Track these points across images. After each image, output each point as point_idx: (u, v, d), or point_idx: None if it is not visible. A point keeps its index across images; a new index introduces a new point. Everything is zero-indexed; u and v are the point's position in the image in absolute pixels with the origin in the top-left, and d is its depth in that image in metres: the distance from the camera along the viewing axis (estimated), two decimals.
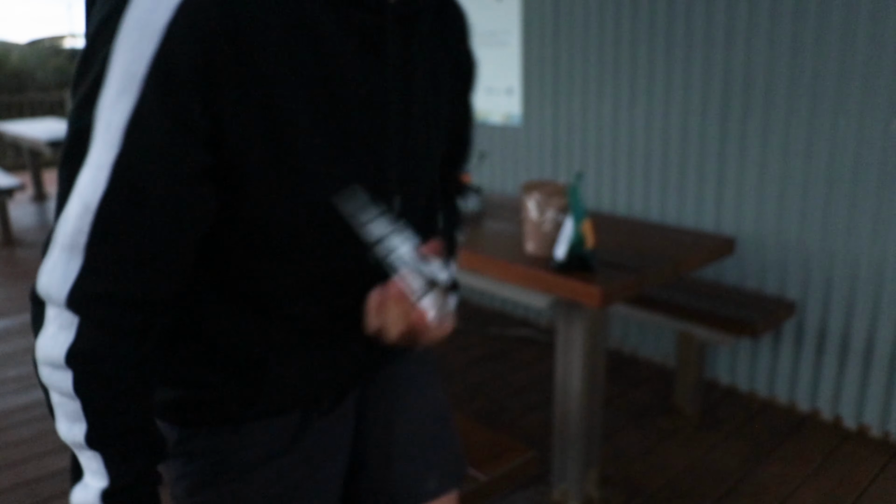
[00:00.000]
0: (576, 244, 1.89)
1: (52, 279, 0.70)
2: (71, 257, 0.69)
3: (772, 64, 2.61)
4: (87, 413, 0.72)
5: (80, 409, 0.72)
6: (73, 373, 0.71)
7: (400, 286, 0.79)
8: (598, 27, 3.14)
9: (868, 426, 2.62)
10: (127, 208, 0.67)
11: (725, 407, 2.85)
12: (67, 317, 0.71)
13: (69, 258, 0.69)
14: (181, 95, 0.64)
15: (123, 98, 0.63)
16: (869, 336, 2.55)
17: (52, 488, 2.39)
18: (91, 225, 0.67)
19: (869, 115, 2.41)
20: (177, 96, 0.64)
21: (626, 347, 3.38)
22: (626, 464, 2.49)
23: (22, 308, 4.15)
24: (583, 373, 2.08)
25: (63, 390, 0.72)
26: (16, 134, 6.53)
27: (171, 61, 0.62)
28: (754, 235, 2.78)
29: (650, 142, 3.05)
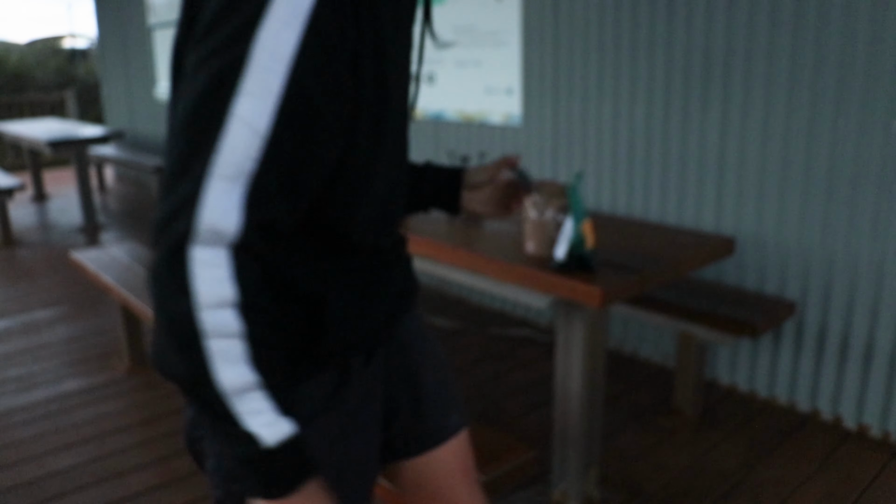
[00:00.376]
0: (576, 244, 1.88)
1: (216, 212, 0.69)
2: (233, 188, 0.69)
3: (771, 65, 2.61)
4: (256, 349, 0.73)
5: (248, 348, 0.73)
6: (240, 309, 0.72)
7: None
8: (598, 27, 3.14)
9: (868, 426, 2.62)
10: (300, 131, 0.71)
11: (725, 407, 2.85)
12: (224, 253, 0.71)
13: (231, 189, 0.69)
14: (343, 22, 0.72)
15: (288, 29, 0.69)
16: (869, 336, 2.55)
17: (51, 489, 2.39)
18: (262, 150, 0.69)
19: (869, 115, 2.41)
20: (339, 23, 0.72)
21: (626, 347, 3.38)
22: (626, 464, 2.49)
23: (22, 308, 4.15)
24: (583, 373, 2.08)
25: (230, 331, 0.71)
26: (16, 134, 6.53)
27: (324, 20, 0.71)
28: (754, 235, 2.77)
29: (650, 142, 3.05)
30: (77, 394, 3.07)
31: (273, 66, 0.69)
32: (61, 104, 10.10)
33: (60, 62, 13.85)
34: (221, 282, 0.71)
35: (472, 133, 3.85)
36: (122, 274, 3.18)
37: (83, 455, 2.59)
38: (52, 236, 5.85)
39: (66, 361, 3.41)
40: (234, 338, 0.72)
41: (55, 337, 3.71)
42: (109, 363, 3.37)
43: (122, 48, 7.74)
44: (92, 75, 12.83)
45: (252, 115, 0.69)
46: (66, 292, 4.42)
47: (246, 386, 0.73)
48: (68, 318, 3.97)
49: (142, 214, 6.60)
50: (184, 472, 2.47)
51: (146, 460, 2.55)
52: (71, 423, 2.82)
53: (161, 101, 7.16)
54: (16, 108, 9.88)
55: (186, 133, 0.70)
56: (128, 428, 2.78)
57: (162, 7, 6.72)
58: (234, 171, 0.69)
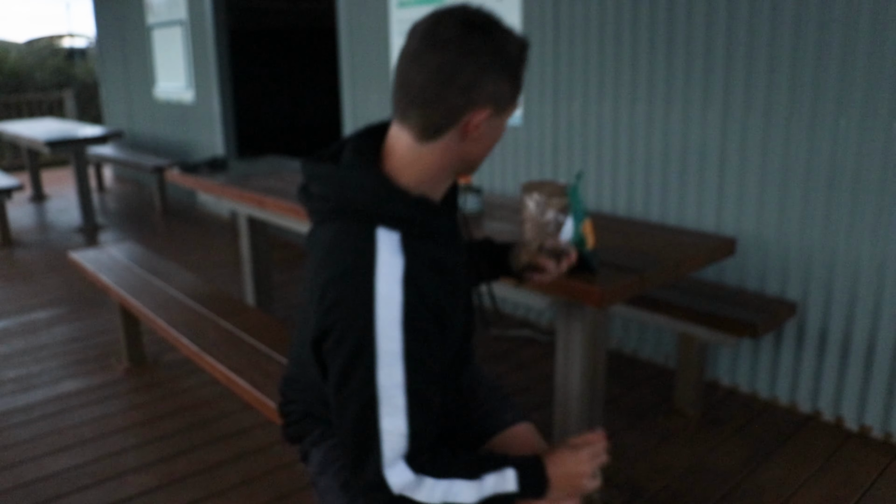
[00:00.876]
0: (577, 245, 1.87)
1: (399, 480, 1.12)
2: (396, 467, 1.12)
3: (773, 64, 2.60)
4: None
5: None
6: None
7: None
8: (598, 26, 3.13)
9: (869, 427, 2.61)
10: (427, 393, 1.12)
11: (726, 408, 2.85)
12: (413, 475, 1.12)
13: (397, 466, 1.12)
14: (430, 333, 1.11)
15: (395, 367, 1.07)
16: (870, 336, 2.54)
17: (50, 490, 2.38)
18: (407, 407, 1.09)
19: (871, 115, 2.40)
20: (428, 336, 1.10)
21: (626, 348, 3.37)
22: (627, 465, 2.48)
23: (20, 309, 4.14)
24: (583, 373, 2.07)
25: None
26: (14, 134, 6.52)
27: (414, 316, 1.07)
28: (755, 236, 2.77)
29: (651, 141, 3.04)
30: (76, 395, 3.06)
31: (394, 392, 1.07)
32: (60, 104, 10.09)
33: (59, 62, 13.82)
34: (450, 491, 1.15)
35: None
36: (120, 274, 3.17)
37: (82, 456, 2.58)
38: (51, 237, 5.84)
39: (65, 362, 3.39)
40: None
41: (54, 338, 3.70)
42: (108, 364, 3.35)
43: (121, 48, 7.73)
44: (90, 75, 12.81)
45: (392, 427, 1.09)
46: (65, 293, 4.41)
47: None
48: (67, 319, 3.95)
49: (141, 215, 6.59)
50: (183, 473, 2.46)
51: (145, 461, 2.54)
52: (69, 425, 2.81)
53: (160, 101, 7.14)
54: (14, 108, 9.87)
55: (353, 438, 1.11)
56: (126, 429, 2.77)
57: (161, 7, 6.70)
58: (392, 456, 1.10)
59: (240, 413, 2.85)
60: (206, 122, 6.41)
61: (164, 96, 7.05)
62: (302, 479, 2.40)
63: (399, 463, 1.10)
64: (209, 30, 6.01)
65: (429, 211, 1.11)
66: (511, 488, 1.16)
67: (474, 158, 1.15)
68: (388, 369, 1.06)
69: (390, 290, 1.05)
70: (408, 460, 1.11)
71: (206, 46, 6.10)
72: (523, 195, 2.06)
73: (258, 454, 2.57)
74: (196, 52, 6.28)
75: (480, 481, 1.16)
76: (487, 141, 1.13)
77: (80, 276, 4.63)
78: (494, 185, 3.77)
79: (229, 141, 6.24)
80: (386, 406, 1.07)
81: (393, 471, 1.10)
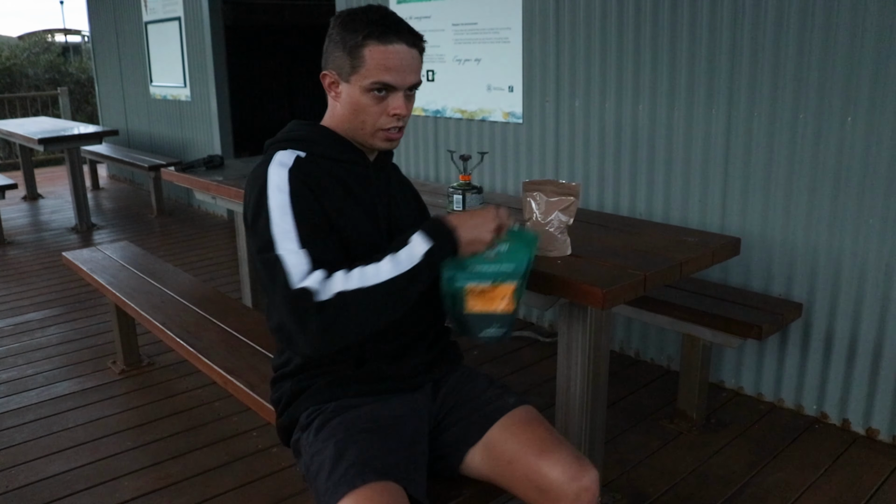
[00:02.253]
0: (452, 301, 1.49)
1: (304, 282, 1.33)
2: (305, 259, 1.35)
3: (778, 61, 2.57)
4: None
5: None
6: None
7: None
8: (600, 23, 3.10)
9: (876, 430, 2.58)
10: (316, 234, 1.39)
11: (731, 410, 2.81)
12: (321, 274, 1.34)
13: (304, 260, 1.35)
14: (308, 198, 1.40)
15: (286, 217, 1.37)
16: (877, 338, 2.51)
17: (44, 494, 2.34)
18: (300, 240, 1.35)
19: (877, 113, 2.37)
20: (306, 196, 1.40)
21: (629, 349, 3.33)
22: (630, 468, 2.44)
23: (13, 309, 4.10)
24: (585, 375, 2.04)
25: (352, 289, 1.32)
26: (7, 132, 6.47)
27: (300, 194, 1.39)
28: (760, 236, 2.73)
29: (654, 140, 3.00)
30: (70, 397, 3.01)
31: (288, 230, 1.35)
32: (54, 101, 10.03)
33: (52, 58, 13.75)
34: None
35: (473, 131, 3.80)
36: (115, 274, 3.12)
37: (76, 460, 2.54)
38: (45, 236, 5.79)
39: (59, 364, 3.35)
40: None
41: (47, 339, 3.65)
42: (103, 366, 3.31)
43: (117, 44, 7.67)
44: (85, 72, 12.75)
45: (291, 252, 1.34)
46: (59, 293, 4.36)
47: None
48: (61, 320, 3.91)
49: (136, 214, 6.55)
50: (179, 476, 2.42)
51: (140, 465, 2.50)
52: (63, 427, 2.76)
53: (156, 98, 7.09)
54: (7, 106, 9.81)
55: (266, 274, 1.35)
56: (121, 432, 2.72)
57: (156, 3, 6.65)
58: (298, 272, 1.32)
59: (236, 416, 2.81)
60: (202, 119, 6.36)
61: (159, 94, 7.00)
62: (299, 482, 2.36)
63: (307, 275, 1.30)
64: (205, 26, 5.97)
65: (315, 134, 1.49)
66: (422, 249, 1.34)
67: (350, 119, 1.46)
68: (280, 213, 1.35)
69: (279, 172, 1.41)
70: (317, 268, 1.31)
71: (203, 43, 6.05)
72: (524, 194, 2.03)
73: (255, 457, 2.53)
74: (192, 48, 6.23)
75: (391, 257, 1.34)
76: (350, 106, 1.44)
77: (75, 276, 4.57)
78: (496, 184, 3.73)
79: (226, 139, 6.20)
80: (283, 241, 1.33)
81: (304, 280, 1.29)
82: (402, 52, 1.40)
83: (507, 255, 1.48)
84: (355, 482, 1.27)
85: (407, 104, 1.46)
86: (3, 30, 21.29)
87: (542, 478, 1.38)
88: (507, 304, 1.51)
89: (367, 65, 1.39)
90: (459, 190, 2.57)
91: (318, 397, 1.49)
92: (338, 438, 1.38)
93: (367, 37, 1.38)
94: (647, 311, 2.65)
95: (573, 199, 1.97)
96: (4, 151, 10.22)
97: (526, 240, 1.50)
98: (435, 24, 3.84)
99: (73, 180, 5.82)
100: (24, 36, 15.21)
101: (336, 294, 1.28)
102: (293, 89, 9.30)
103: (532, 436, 1.44)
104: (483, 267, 1.47)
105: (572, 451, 1.42)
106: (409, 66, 1.42)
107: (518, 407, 1.52)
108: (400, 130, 1.49)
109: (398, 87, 1.42)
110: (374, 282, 1.30)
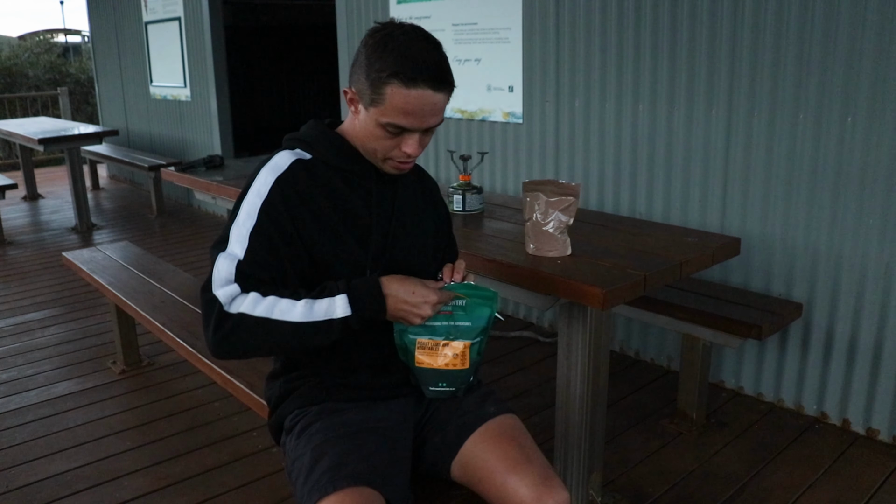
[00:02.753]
0: (405, 355, 1.44)
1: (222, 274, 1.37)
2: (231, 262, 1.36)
3: (778, 61, 2.57)
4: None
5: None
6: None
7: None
8: (600, 23, 3.10)
9: (876, 430, 2.57)
10: (263, 253, 1.38)
11: (731, 410, 2.81)
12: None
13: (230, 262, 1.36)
14: (279, 213, 1.38)
15: (248, 223, 1.37)
16: (877, 338, 2.51)
17: (44, 494, 2.34)
18: (246, 250, 1.36)
19: (877, 114, 2.37)
20: (277, 211, 1.38)
21: (629, 349, 3.33)
22: (630, 468, 2.44)
23: (13, 310, 4.10)
24: (585, 375, 2.04)
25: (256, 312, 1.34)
26: (8, 132, 6.46)
27: (271, 208, 1.37)
28: (760, 236, 2.73)
29: (654, 140, 3.00)
30: (70, 397, 3.01)
31: (242, 234, 1.36)
32: (54, 102, 10.02)
33: (53, 58, 13.75)
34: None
35: (473, 131, 3.80)
36: (115, 275, 3.12)
37: (76, 460, 2.54)
38: (45, 236, 5.79)
39: (59, 364, 3.35)
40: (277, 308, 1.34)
41: (47, 339, 3.65)
42: (103, 366, 3.31)
43: (117, 44, 7.67)
44: (85, 72, 12.74)
45: (227, 261, 1.35)
46: (59, 293, 4.36)
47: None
48: (61, 320, 3.91)
49: (136, 214, 6.54)
50: (179, 476, 2.42)
51: (141, 465, 2.50)
52: (64, 428, 2.76)
53: (156, 98, 7.09)
54: (7, 106, 9.81)
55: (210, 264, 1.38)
56: (122, 432, 2.72)
57: (156, 3, 6.65)
58: (221, 278, 1.34)
59: (236, 415, 2.81)
60: (202, 120, 6.36)
61: (159, 94, 7.00)
62: None
63: (229, 285, 1.32)
64: (205, 26, 5.96)
65: (324, 139, 1.46)
66: (341, 313, 1.32)
67: (363, 141, 1.41)
68: (246, 217, 1.36)
69: (267, 177, 1.40)
70: (237, 282, 1.33)
71: (203, 43, 6.05)
72: (525, 194, 2.03)
73: (255, 457, 2.53)
74: (192, 49, 6.23)
75: (308, 302, 1.32)
76: (365, 130, 1.39)
77: (75, 276, 4.57)
78: (496, 184, 3.73)
79: (226, 139, 6.19)
80: (233, 242, 1.36)
81: (223, 289, 1.32)
82: (425, 97, 1.31)
83: (464, 312, 1.39)
84: (327, 489, 1.27)
85: (423, 139, 1.40)
86: (3, 30, 21.27)
87: (510, 495, 1.35)
88: (460, 361, 1.41)
89: (386, 103, 1.32)
90: (459, 190, 2.57)
91: (303, 401, 1.49)
92: (315, 444, 1.39)
93: (392, 76, 1.29)
94: (647, 311, 2.65)
95: (573, 199, 1.97)
96: (4, 151, 10.21)
97: (486, 296, 1.40)
98: (435, 24, 3.84)
99: (73, 180, 5.82)
100: (24, 36, 15.19)
101: (238, 313, 1.30)
102: (293, 89, 9.30)
103: (503, 451, 1.41)
104: (436, 322, 1.38)
105: (541, 470, 1.37)
106: (430, 111, 1.34)
107: (497, 416, 1.49)
108: (411, 163, 1.44)
109: (414, 130, 1.36)
110: (279, 318, 1.31)
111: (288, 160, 1.43)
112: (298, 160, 1.43)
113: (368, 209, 1.45)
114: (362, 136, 1.41)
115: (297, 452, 1.42)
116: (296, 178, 1.40)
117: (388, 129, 1.35)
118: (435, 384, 1.44)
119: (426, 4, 3.92)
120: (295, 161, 1.42)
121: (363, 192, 1.45)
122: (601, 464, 2.20)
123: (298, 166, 1.42)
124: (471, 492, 1.50)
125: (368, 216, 1.45)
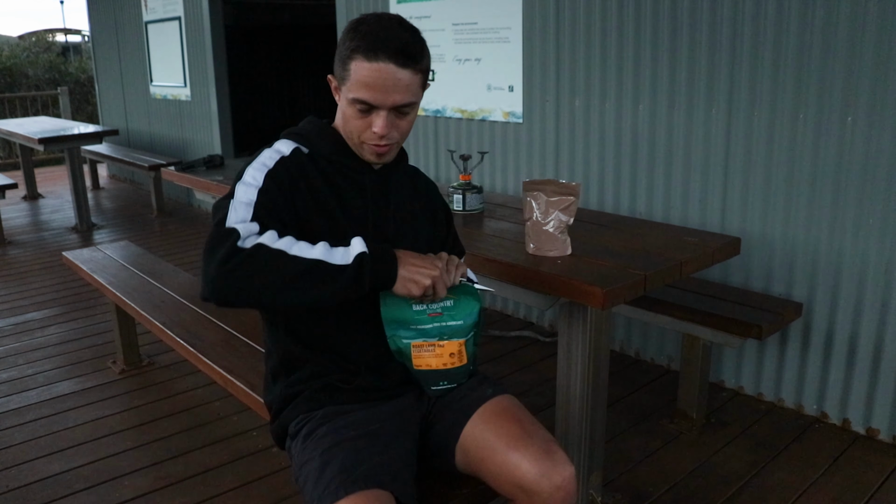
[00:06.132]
0: (401, 359, 1.48)
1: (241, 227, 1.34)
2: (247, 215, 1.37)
3: (778, 61, 2.56)
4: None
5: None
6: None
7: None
8: (600, 23, 3.09)
9: (876, 430, 2.57)
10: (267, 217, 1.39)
11: (731, 410, 2.81)
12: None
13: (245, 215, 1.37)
14: (283, 184, 1.42)
15: (251, 189, 1.39)
16: (877, 337, 2.51)
17: (44, 494, 2.34)
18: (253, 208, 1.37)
19: (878, 113, 2.36)
20: (282, 185, 1.42)
21: (629, 349, 3.33)
22: (630, 467, 2.44)
23: (14, 309, 4.09)
24: (585, 375, 2.04)
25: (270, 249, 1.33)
26: (8, 131, 6.46)
27: (276, 175, 1.42)
28: (760, 235, 2.73)
29: (654, 140, 3.00)
30: (70, 397, 3.01)
31: (244, 201, 1.37)
32: (54, 101, 10.02)
33: (52, 58, 13.74)
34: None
35: (473, 131, 3.80)
36: (115, 274, 3.12)
37: (76, 459, 2.54)
38: (45, 236, 5.79)
39: (59, 364, 3.35)
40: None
41: (47, 339, 3.65)
42: (103, 365, 3.31)
43: (116, 44, 7.67)
44: (85, 72, 12.74)
45: (238, 211, 1.36)
46: (59, 293, 4.36)
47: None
48: (61, 320, 3.91)
49: (136, 213, 6.54)
50: (179, 476, 2.42)
51: (141, 464, 2.50)
52: (64, 427, 2.76)
53: (156, 98, 7.09)
54: (7, 106, 9.80)
55: (212, 228, 1.34)
56: (122, 431, 2.72)
57: (156, 3, 6.65)
58: (238, 218, 1.35)
59: (236, 415, 2.81)
60: (202, 119, 6.36)
61: (160, 93, 7.00)
62: None
63: (248, 223, 1.32)
64: (205, 26, 5.96)
65: (321, 134, 1.50)
66: (357, 250, 1.31)
67: (342, 126, 1.46)
68: (245, 189, 1.38)
69: (273, 154, 1.46)
70: (256, 221, 1.33)
71: (203, 43, 6.05)
72: (525, 194, 2.03)
73: (255, 457, 2.53)
74: (192, 48, 6.23)
75: (326, 245, 1.33)
76: (342, 113, 1.44)
77: (75, 276, 4.57)
78: (496, 183, 3.73)
79: (226, 139, 6.19)
80: (236, 205, 1.35)
81: (242, 224, 1.31)
82: (386, 71, 1.33)
83: (452, 311, 1.42)
84: (338, 493, 1.27)
85: (397, 122, 1.40)
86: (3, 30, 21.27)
87: (513, 472, 1.35)
88: (457, 359, 1.45)
89: (351, 78, 1.36)
90: (459, 189, 2.57)
91: (307, 405, 1.49)
92: (323, 448, 1.38)
93: (354, 50, 1.35)
94: (647, 310, 2.65)
95: (573, 199, 1.97)
96: (5, 151, 10.21)
97: (471, 292, 1.43)
98: (435, 24, 3.84)
99: (73, 180, 5.82)
100: (24, 36, 15.17)
101: (256, 244, 1.27)
102: (293, 89, 9.29)
103: (504, 427, 1.41)
104: (427, 324, 1.41)
105: (543, 444, 1.37)
106: (392, 87, 1.34)
107: (495, 397, 1.50)
108: (388, 146, 1.44)
109: (379, 106, 1.37)
110: (297, 254, 1.29)
111: (289, 147, 1.49)
112: (298, 148, 1.49)
113: (362, 200, 1.49)
114: (341, 123, 1.46)
115: (304, 457, 1.41)
116: (298, 159, 1.46)
117: (357, 107, 1.38)
118: (436, 383, 1.49)
119: (426, 4, 3.91)
120: (296, 148, 1.48)
121: (356, 184, 1.49)
122: (601, 463, 2.20)
123: (299, 152, 1.48)
124: (475, 489, 1.51)
125: (362, 206, 1.48)
